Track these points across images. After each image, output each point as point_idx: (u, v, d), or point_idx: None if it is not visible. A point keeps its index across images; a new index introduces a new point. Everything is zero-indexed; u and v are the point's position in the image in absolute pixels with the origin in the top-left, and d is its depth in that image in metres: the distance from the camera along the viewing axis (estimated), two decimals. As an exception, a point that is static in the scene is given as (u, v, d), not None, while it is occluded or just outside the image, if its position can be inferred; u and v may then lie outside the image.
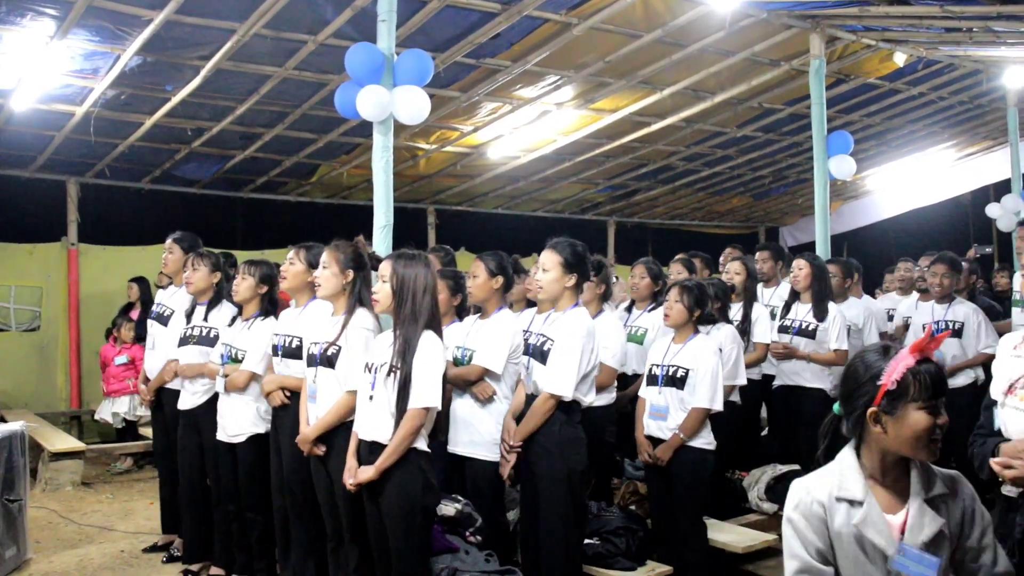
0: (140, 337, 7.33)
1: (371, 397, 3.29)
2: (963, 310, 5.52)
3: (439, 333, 3.32)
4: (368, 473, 3.21)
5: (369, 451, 3.28)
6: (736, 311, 5.25)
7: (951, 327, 5.42)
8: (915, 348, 1.91)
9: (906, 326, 6.06)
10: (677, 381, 4.06)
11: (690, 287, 4.18)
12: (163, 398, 4.97)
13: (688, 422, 4.00)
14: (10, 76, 6.25)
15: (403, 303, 3.27)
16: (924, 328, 5.43)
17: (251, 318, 4.40)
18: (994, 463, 2.30)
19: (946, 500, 1.95)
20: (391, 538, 3.24)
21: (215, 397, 4.50)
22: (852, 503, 1.94)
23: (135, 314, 7.87)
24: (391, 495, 3.21)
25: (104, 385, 7.83)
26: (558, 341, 3.60)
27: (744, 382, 4.75)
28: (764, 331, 5.31)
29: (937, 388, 1.92)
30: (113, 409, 7.73)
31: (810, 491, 1.99)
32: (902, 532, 1.92)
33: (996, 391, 2.50)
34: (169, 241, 5.15)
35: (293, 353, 3.97)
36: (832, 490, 1.96)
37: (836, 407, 2.09)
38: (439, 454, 4.03)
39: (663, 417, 4.08)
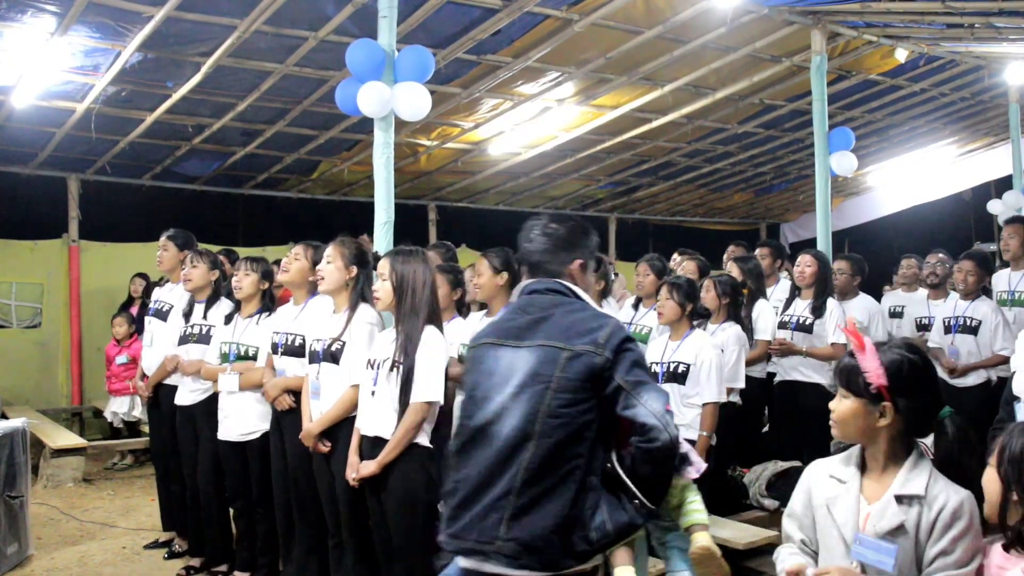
0: (139, 331, 7.30)
1: (373, 393, 3.29)
2: (983, 308, 5.37)
3: (440, 328, 3.34)
4: (370, 467, 3.22)
5: (372, 446, 3.29)
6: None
7: (968, 323, 5.37)
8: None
9: (921, 326, 6.01)
10: (678, 377, 4.07)
11: (679, 283, 4.20)
12: (161, 394, 4.94)
13: (706, 419, 4.04)
14: (11, 73, 6.25)
15: (403, 299, 3.28)
16: (944, 323, 5.47)
17: (255, 315, 4.37)
18: None
19: (921, 503, 1.95)
20: (393, 533, 3.24)
21: (213, 396, 4.46)
22: (839, 482, 2.07)
23: (134, 310, 7.85)
24: (393, 490, 3.22)
25: (107, 384, 7.80)
26: None
27: (742, 385, 4.73)
28: (766, 328, 5.30)
29: (840, 378, 2.07)
30: (112, 408, 7.68)
31: (817, 464, 2.16)
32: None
33: (1019, 388, 2.51)
34: (163, 238, 5.09)
35: (295, 351, 3.94)
36: (830, 468, 2.11)
37: None
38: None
39: None
